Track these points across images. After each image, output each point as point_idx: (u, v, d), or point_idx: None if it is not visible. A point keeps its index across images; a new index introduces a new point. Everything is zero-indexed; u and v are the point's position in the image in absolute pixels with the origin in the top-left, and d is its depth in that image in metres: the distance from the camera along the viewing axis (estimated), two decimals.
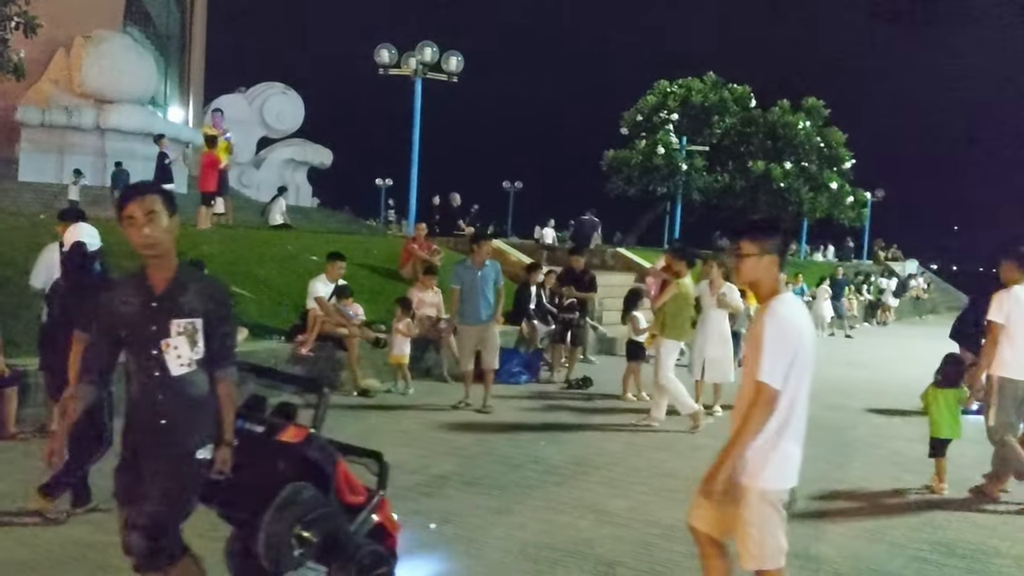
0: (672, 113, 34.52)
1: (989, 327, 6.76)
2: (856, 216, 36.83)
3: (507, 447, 7.70)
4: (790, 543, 5.41)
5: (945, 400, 6.97)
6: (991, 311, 6.76)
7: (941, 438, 6.98)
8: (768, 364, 3.42)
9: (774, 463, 3.53)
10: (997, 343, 6.69)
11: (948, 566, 5.24)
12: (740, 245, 3.61)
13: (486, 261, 9.47)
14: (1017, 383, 6.68)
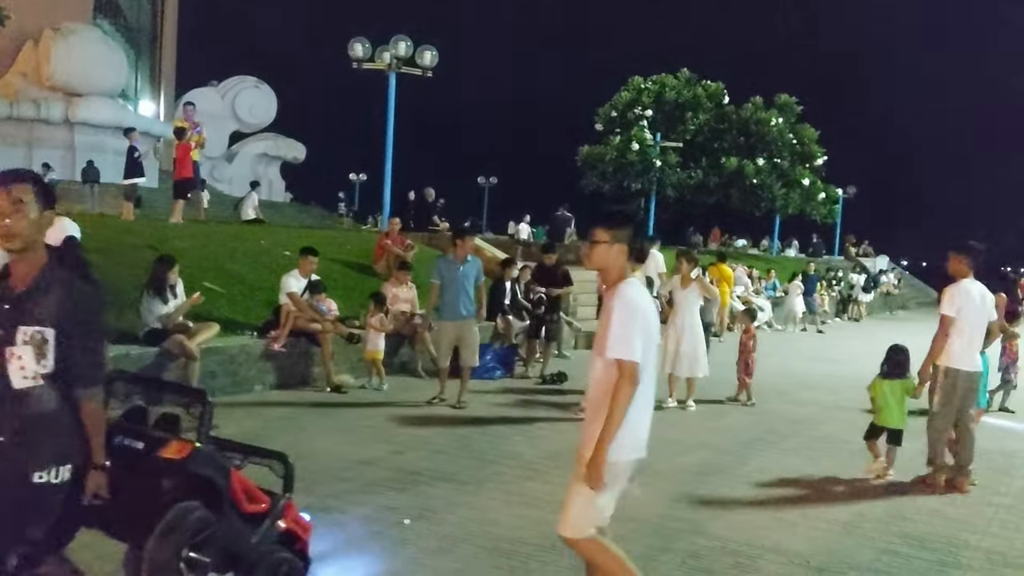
0: (646, 109, 34.61)
1: (941, 320, 6.98)
2: (828, 212, 37.15)
3: (481, 442, 7.69)
4: (765, 538, 5.48)
5: (892, 390, 7.19)
6: (943, 305, 7.02)
7: (890, 427, 7.20)
8: (624, 341, 3.60)
9: (619, 435, 3.66)
10: (948, 335, 6.90)
11: (918, 559, 5.30)
12: (594, 232, 3.80)
13: (468, 256, 9.42)
14: (965, 374, 6.95)
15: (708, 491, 6.53)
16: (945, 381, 6.94)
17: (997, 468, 7.84)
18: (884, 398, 7.23)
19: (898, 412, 7.19)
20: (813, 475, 7.23)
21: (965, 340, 6.95)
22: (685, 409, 9.78)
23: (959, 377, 6.94)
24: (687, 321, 9.89)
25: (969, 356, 7.00)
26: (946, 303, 7.01)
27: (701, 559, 5.04)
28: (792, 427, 9.23)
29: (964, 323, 6.92)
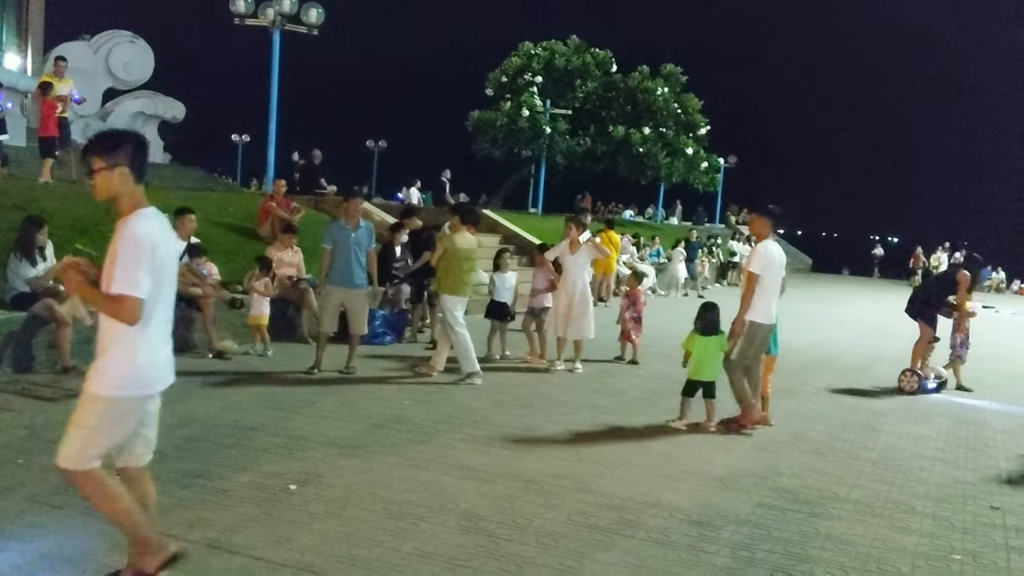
0: (536, 76, 34.63)
1: (748, 278, 7.58)
2: (710, 181, 38.09)
3: (371, 407, 7.63)
4: (648, 494, 5.63)
5: (703, 345, 7.62)
6: (752, 264, 7.61)
7: (698, 380, 7.65)
8: (126, 276, 3.46)
9: (129, 370, 3.56)
10: (754, 292, 7.47)
11: (792, 511, 5.54)
12: (91, 162, 3.60)
13: (360, 221, 9.22)
14: (766, 326, 7.61)
15: (594, 450, 6.66)
16: (747, 333, 7.53)
17: (865, 425, 8.27)
18: (701, 353, 7.63)
19: (713, 366, 7.65)
20: (694, 433, 7.46)
21: (766, 296, 7.57)
22: (573, 371, 9.95)
23: (760, 329, 7.58)
24: (576, 285, 10.03)
25: (769, 311, 7.61)
26: (754, 262, 7.60)
27: (587, 516, 5.14)
28: (674, 388, 9.46)
29: (766, 281, 7.53)
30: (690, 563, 4.54)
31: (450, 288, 9.16)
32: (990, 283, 35.24)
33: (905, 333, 17.28)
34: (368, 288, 9.31)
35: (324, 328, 9.18)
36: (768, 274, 7.57)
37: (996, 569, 4.79)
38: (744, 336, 7.52)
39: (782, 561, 4.65)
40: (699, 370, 7.66)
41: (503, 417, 7.58)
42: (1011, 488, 6.42)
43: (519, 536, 4.75)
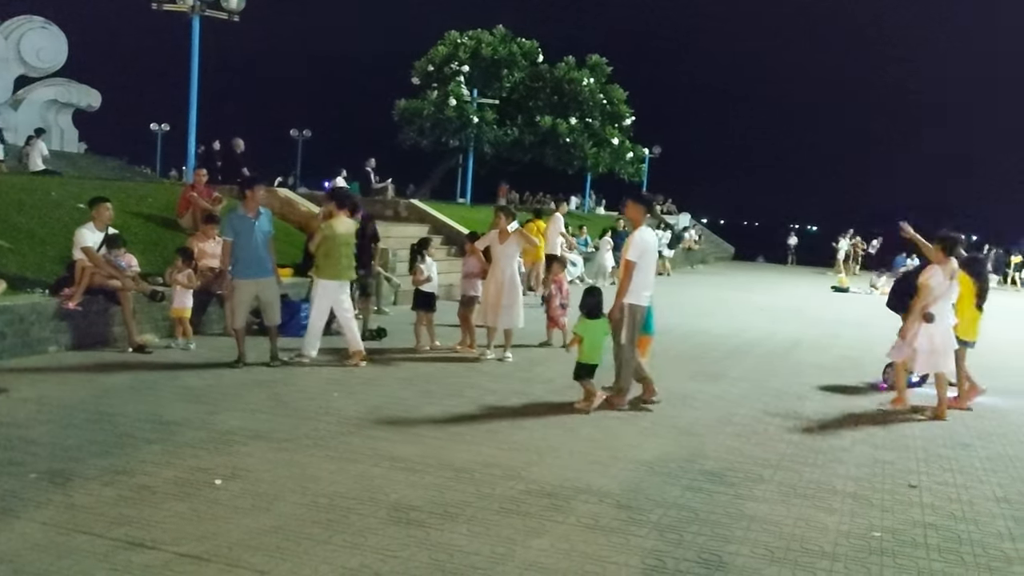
0: (463, 65, 34.51)
1: (625, 265, 7.82)
2: (635, 171, 38.51)
3: (298, 400, 7.52)
4: (578, 480, 5.67)
5: (591, 329, 7.82)
6: (629, 251, 7.85)
7: (590, 364, 7.83)
8: None
9: None
10: (631, 278, 7.75)
11: (718, 493, 5.64)
12: None
13: (260, 208, 9.01)
14: (642, 309, 7.95)
15: (524, 438, 6.68)
16: (629, 317, 7.82)
17: (787, 408, 8.46)
18: (591, 338, 7.82)
19: (600, 350, 7.87)
20: (623, 418, 7.54)
21: (642, 280, 7.87)
22: (503, 360, 9.96)
23: (638, 311, 7.91)
24: (506, 274, 10.03)
25: (645, 293, 7.93)
26: (631, 250, 7.82)
27: (518, 503, 5.16)
28: (604, 375, 9.57)
29: (643, 266, 7.84)
30: (620, 547, 4.58)
31: (330, 274, 9.17)
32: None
33: (822, 317, 17.82)
34: (275, 276, 9.12)
35: (238, 323, 8.92)
36: (644, 260, 7.87)
37: (914, 545, 4.95)
38: (627, 321, 7.85)
39: (709, 543, 4.73)
40: (588, 353, 7.85)
41: (433, 407, 7.55)
42: (927, 467, 6.64)
43: (450, 525, 4.74)
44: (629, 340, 7.89)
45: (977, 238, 48.38)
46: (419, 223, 19.41)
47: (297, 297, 11.35)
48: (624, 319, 7.84)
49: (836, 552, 4.73)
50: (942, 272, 8.36)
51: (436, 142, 34.28)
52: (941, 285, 8.32)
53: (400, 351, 10.33)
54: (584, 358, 7.88)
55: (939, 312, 8.34)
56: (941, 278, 8.34)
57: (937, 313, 8.32)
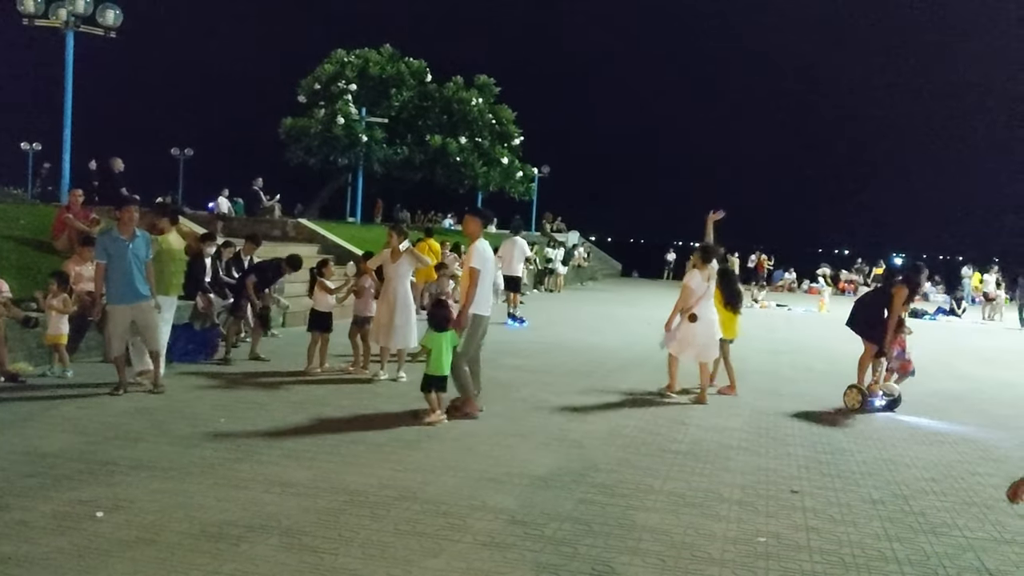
0: (350, 83, 34.24)
1: (470, 273, 8.14)
2: (525, 190, 38.92)
3: (183, 427, 7.28)
4: (474, 497, 5.69)
5: (439, 341, 7.92)
6: (472, 260, 8.14)
7: (438, 375, 7.92)
8: None
9: None
10: (476, 287, 8.06)
11: (611, 504, 5.75)
12: None
13: (136, 230, 8.68)
14: (484, 318, 8.29)
15: (420, 458, 6.65)
16: (471, 326, 8.16)
17: (674, 419, 8.69)
18: (439, 349, 7.92)
19: (447, 360, 7.97)
20: (518, 434, 7.60)
21: (484, 290, 8.19)
22: (397, 380, 9.89)
23: (483, 321, 8.24)
24: (398, 294, 9.98)
25: (487, 303, 8.29)
26: (474, 259, 8.15)
27: (414, 524, 5.13)
28: (498, 391, 9.64)
29: (485, 276, 8.11)
30: (516, 562, 4.61)
31: (163, 289, 8.99)
32: (783, 283, 37.94)
33: None
34: (152, 300, 8.69)
35: (115, 352, 8.55)
36: (486, 269, 8.16)
37: (797, 548, 5.15)
38: (468, 329, 8.10)
39: (603, 554, 4.81)
40: (436, 365, 7.91)
41: (326, 430, 7.43)
42: (808, 473, 6.92)
43: (345, 549, 4.67)
44: (466, 349, 8.17)
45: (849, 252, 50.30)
46: (308, 243, 19.14)
47: (179, 321, 11.01)
48: (466, 328, 8.12)
49: (724, 558, 4.88)
50: (700, 275, 9.64)
51: (324, 161, 33.83)
52: (700, 287, 9.59)
53: (290, 374, 10.14)
54: (431, 370, 7.93)
55: (700, 310, 9.57)
56: (699, 280, 9.62)
57: (699, 310, 9.57)
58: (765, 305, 27.13)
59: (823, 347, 16.42)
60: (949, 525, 5.73)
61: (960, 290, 30.66)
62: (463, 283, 8.32)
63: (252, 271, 11.66)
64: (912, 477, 6.94)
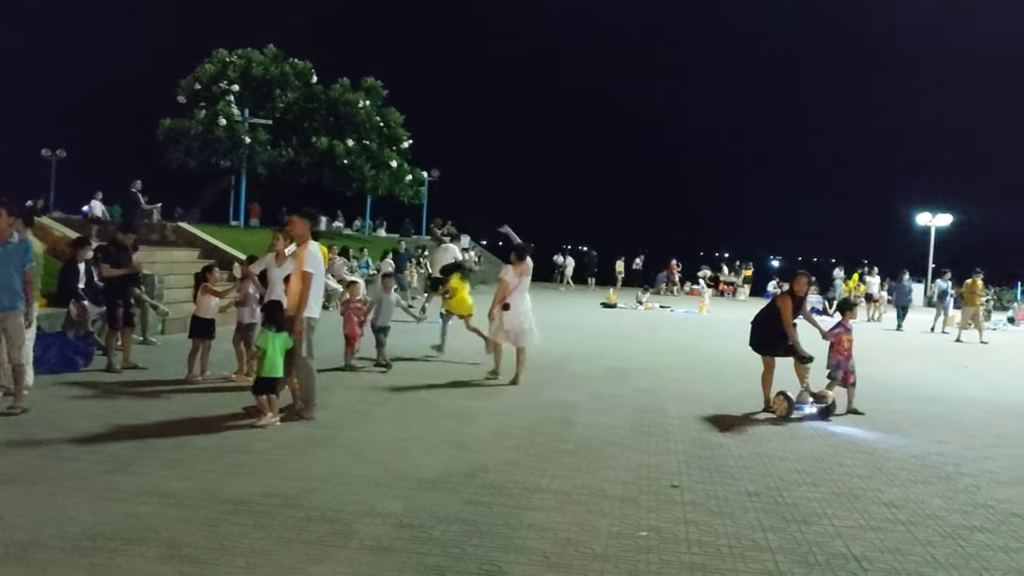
0: (232, 84, 33.46)
1: (303, 276, 8.13)
2: (415, 194, 38.83)
3: (54, 438, 6.98)
4: (361, 503, 5.65)
5: (273, 343, 7.95)
6: (306, 264, 8.15)
7: (271, 377, 7.92)
8: None
9: None
10: (311, 290, 8.13)
11: (498, 505, 5.81)
12: None
13: (14, 235, 8.10)
14: (316, 320, 8.30)
15: (306, 465, 6.57)
16: (308, 330, 8.17)
17: (561, 419, 8.83)
18: (273, 351, 7.93)
19: (279, 362, 7.98)
20: (407, 438, 7.58)
21: (317, 293, 8.33)
22: None
23: (315, 324, 8.27)
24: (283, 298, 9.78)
25: (318, 306, 8.33)
26: (308, 263, 8.14)
27: (299, 531, 5.06)
28: (388, 396, 9.60)
29: (317, 278, 8.25)
30: (403, 565, 4.61)
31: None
32: (665, 286, 38.96)
33: (593, 332, 18.71)
34: (22, 309, 8.08)
35: None
36: (318, 272, 8.24)
37: (677, 541, 5.31)
38: (306, 333, 8.11)
39: (490, 554, 4.86)
40: (269, 367, 7.89)
41: (207, 439, 7.25)
42: (688, 468, 7.15)
43: (227, 559, 4.58)
44: (308, 352, 8.16)
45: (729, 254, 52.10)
46: (188, 247, 18.61)
47: (51, 328, 10.55)
48: (305, 331, 8.10)
49: (607, 553, 5.00)
50: (514, 271, 11.07)
51: (206, 163, 32.95)
52: (514, 281, 11.01)
53: (170, 383, 9.84)
54: (263, 372, 7.91)
55: (513, 301, 10.93)
56: (512, 276, 11.04)
57: (512, 301, 10.91)
58: (649, 307, 27.81)
59: (703, 347, 16.97)
60: (819, 514, 6.01)
61: (832, 291, 32.04)
62: (294, 286, 8.21)
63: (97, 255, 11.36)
64: (785, 470, 7.25)
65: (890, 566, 5.02)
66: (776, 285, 38.98)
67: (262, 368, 7.94)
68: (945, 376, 14.26)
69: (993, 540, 5.62)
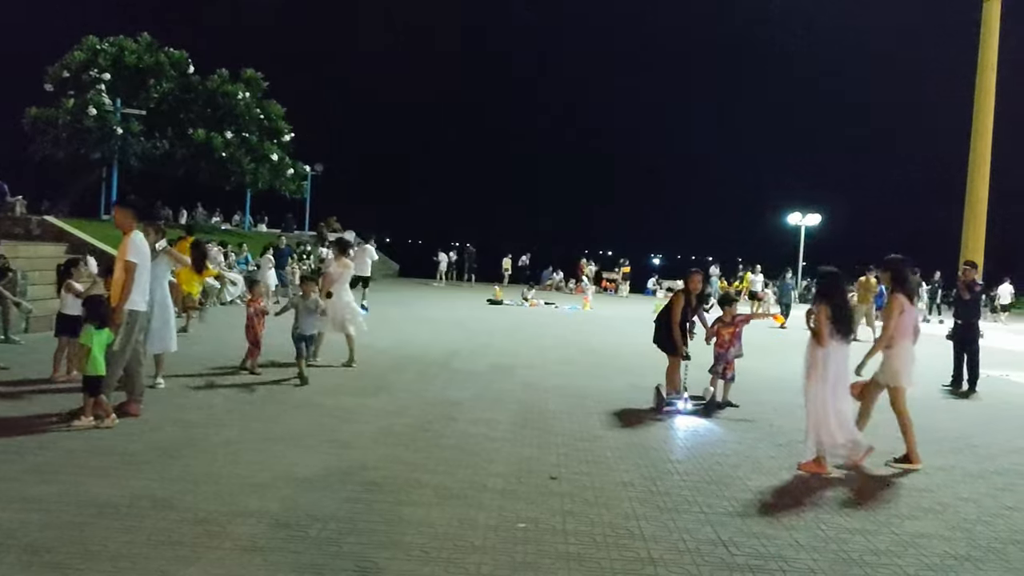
0: (104, 72, 32.07)
1: (127, 267, 7.82)
2: (297, 188, 38.07)
3: None
4: (235, 503, 5.54)
5: (98, 339, 7.64)
6: (128, 253, 7.85)
7: (96, 375, 7.60)
8: None
9: None
10: (133, 281, 7.80)
11: (377, 502, 5.79)
12: None
13: None
14: (142, 314, 8.09)
15: (179, 468, 6.38)
16: (127, 322, 7.88)
17: (445, 415, 8.85)
18: (97, 348, 7.64)
19: (102, 359, 7.68)
20: (285, 437, 7.46)
21: (142, 284, 7.96)
22: (155, 386, 9.39)
23: (140, 317, 8.07)
24: (155, 295, 9.44)
25: (143, 299, 8.07)
26: (130, 252, 7.82)
27: (169, 534, 4.92)
28: (264, 395, 9.42)
29: (141, 270, 7.91)
30: (277, 565, 4.55)
31: None
32: (551, 283, 39.47)
33: (479, 328, 18.80)
34: None
35: None
36: (142, 263, 7.95)
37: (554, 532, 5.41)
38: (124, 326, 7.84)
39: (367, 550, 4.84)
40: (94, 365, 7.60)
41: (74, 441, 6.96)
42: (567, 460, 7.28)
43: (92, 564, 4.41)
44: (127, 345, 7.90)
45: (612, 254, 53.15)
46: (55, 242, 17.77)
47: None
48: (124, 325, 7.84)
49: (485, 546, 5.05)
50: (336, 264, 12.26)
51: (74, 154, 31.46)
52: (336, 273, 12.11)
53: (34, 382, 9.39)
54: (88, 370, 7.58)
55: (337, 290, 11.87)
56: (335, 268, 12.20)
57: (335, 290, 11.83)
58: (535, 304, 28.11)
59: (585, 342, 17.28)
60: (690, 502, 6.23)
61: (709, 287, 33.13)
62: (117, 277, 7.90)
63: None
64: (659, 459, 7.48)
65: (755, 550, 5.26)
66: (655, 282, 40.11)
67: (85, 366, 7.53)
68: None
69: (851, 523, 5.95)
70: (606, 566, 4.84)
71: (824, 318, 7.30)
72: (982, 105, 24.18)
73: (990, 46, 24.00)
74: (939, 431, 9.55)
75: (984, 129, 24.07)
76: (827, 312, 7.32)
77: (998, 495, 6.97)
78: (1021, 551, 5.57)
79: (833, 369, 7.29)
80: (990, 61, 24.02)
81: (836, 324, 7.32)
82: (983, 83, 24.12)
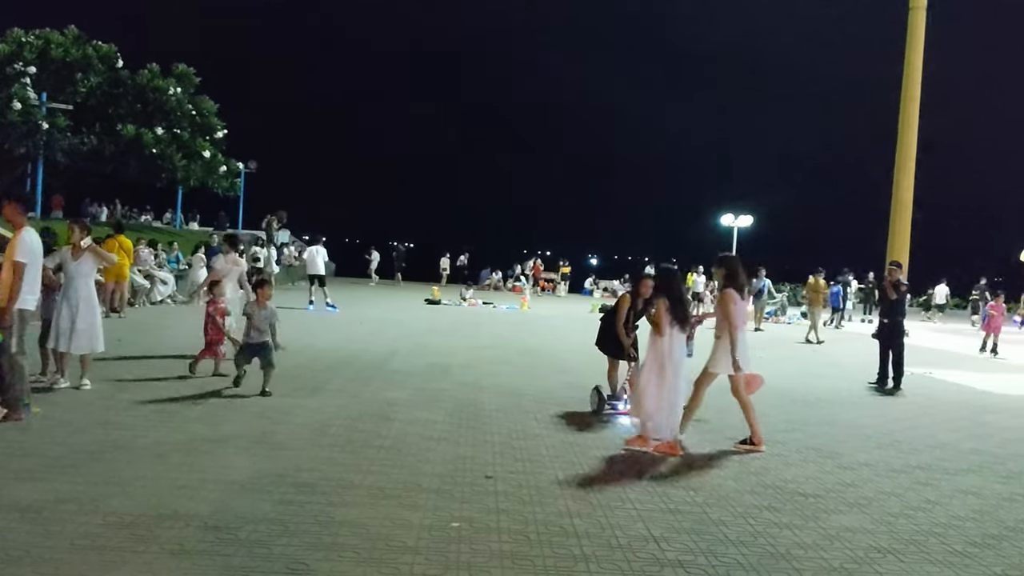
0: (29, 65, 31.15)
1: (15, 267, 7.68)
2: (230, 186, 37.45)
3: None
4: (163, 506, 5.43)
5: None
6: (16, 252, 7.73)
7: None
8: None
9: None
10: (22, 280, 7.72)
11: (311, 503, 5.72)
12: None
13: None
14: (30, 312, 7.96)
15: (104, 470, 6.22)
16: (20, 322, 7.77)
17: (380, 415, 8.79)
18: None
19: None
20: (216, 439, 7.33)
21: (32, 283, 7.86)
22: (80, 388, 9.16)
23: (29, 316, 7.94)
24: (81, 294, 9.24)
25: (34, 297, 7.95)
26: (19, 251, 7.71)
27: (93, 538, 4.80)
28: (195, 395, 9.24)
29: (31, 268, 7.80)
30: (206, 568, 4.46)
31: None
32: (489, 282, 39.52)
33: (417, 328, 18.73)
34: None
35: None
36: (32, 262, 7.81)
37: (488, 530, 5.41)
38: (16, 325, 7.71)
39: (298, 552, 4.78)
40: None
41: None
42: (502, 459, 7.29)
43: (12, 570, 4.28)
44: (19, 348, 7.75)
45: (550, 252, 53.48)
46: None
47: None
48: (15, 324, 7.69)
49: (419, 546, 5.03)
50: (224, 259, 12.31)
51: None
52: (225, 268, 12.06)
53: None
54: None
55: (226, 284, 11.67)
56: (223, 263, 12.22)
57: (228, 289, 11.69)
58: (473, 303, 28.12)
59: (522, 341, 17.33)
60: (623, 499, 6.29)
61: None
62: (5, 277, 7.70)
63: None
64: (594, 457, 7.54)
65: (686, 546, 5.33)
66: (592, 282, 40.43)
67: None
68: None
69: (780, 518, 6.07)
70: (539, 564, 4.86)
71: (663, 310, 7.96)
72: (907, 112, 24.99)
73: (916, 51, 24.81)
74: (864, 427, 9.82)
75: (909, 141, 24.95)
76: (665, 304, 7.99)
77: (920, 489, 7.18)
78: (941, 543, 5.74)
79: (671, 355, 7.98)
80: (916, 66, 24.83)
81: (673, 315, 7.99)
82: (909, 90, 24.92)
